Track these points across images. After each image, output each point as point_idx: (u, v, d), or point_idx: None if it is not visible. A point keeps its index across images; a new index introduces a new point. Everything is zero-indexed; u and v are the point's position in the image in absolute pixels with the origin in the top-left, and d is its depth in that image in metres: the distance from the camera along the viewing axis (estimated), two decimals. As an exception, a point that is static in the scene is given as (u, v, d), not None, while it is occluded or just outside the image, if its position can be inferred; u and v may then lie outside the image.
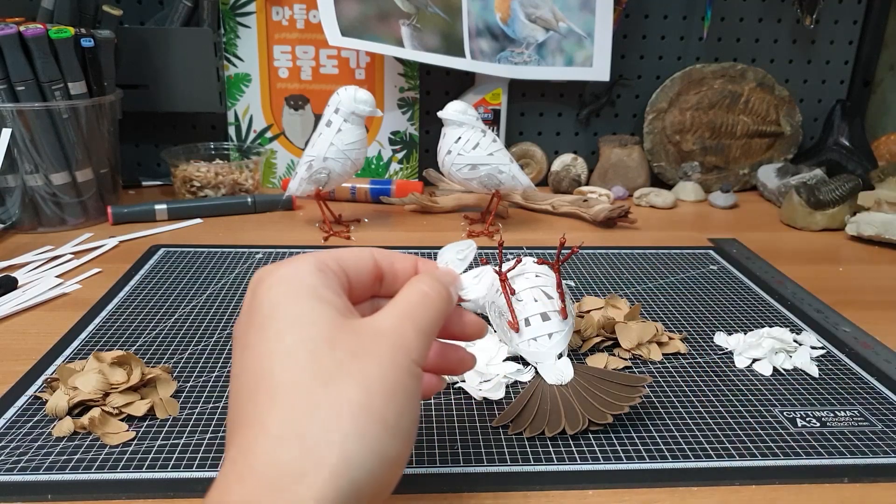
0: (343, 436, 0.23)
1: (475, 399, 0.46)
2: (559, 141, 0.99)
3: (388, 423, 0.24)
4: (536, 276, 0.49)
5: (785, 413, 0.45)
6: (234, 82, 0.92)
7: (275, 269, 0.28)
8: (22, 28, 0.69)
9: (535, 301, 0.47)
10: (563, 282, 0.49)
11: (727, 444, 0.42)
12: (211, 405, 0.45)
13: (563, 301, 0.47)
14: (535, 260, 0.51)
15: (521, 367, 0.49)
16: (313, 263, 0.28)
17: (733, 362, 0.51)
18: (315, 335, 0.25)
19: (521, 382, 0.48)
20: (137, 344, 0.52)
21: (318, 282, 0.27)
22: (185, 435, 0.41)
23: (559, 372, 0.45)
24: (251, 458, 0.22)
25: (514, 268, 0.49)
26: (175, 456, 0.40)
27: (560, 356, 0.46)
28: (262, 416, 0.23)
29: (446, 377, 0.41)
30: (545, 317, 0.47)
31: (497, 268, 0.47)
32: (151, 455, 0.40)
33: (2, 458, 0.39)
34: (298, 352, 0.25)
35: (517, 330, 0.47)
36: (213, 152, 0.92)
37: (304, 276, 0.27)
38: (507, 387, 0.47)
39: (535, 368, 0.47)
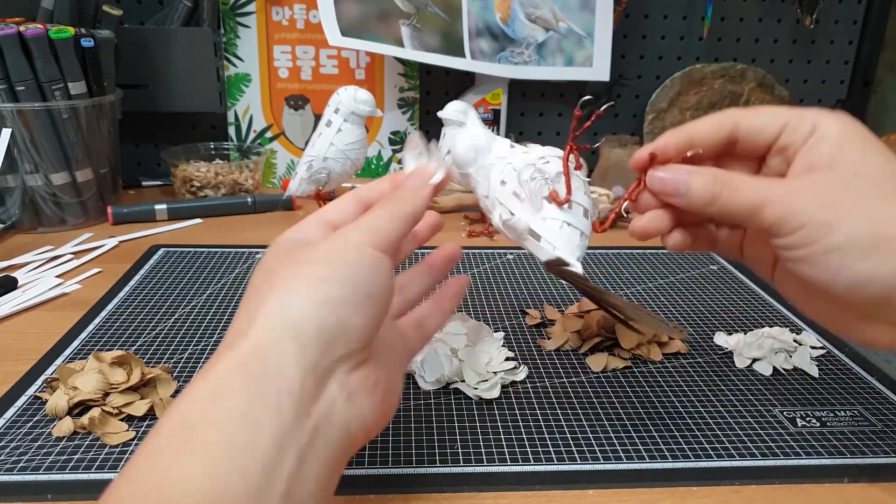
0: (291, 293, 0.28)
1: (472, 399, 0.46)
2: (559, 141, 0.99)
3: (333, 277, 0.28)
4: (584, 180, 0.45)
5: (785, 413, 0.45)
6: (234, 82, 0.92)
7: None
8: (22, 28, 0.69)
9: (585, 195, 0.43)
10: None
11: (727, 444, 0.42)
12: (211, 405, 0.44)
13: (568, 187, 0.43)
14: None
15: (517, 366, 0.49)
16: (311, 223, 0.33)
17: (733, 362, 0.51)
18: (280, 253, 0.31)
19: (517, 382, 0.48)
20: (137, 344, 0.52)
21: (306, 234, 0.32)
22: (185, 435, 0.41)
23: (577, 258, 0.42)
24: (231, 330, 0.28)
25: (579, 147, 0.44)
26: (175, 456, 0.40)
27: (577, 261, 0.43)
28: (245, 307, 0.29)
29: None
30: (585, 214, 0.43)
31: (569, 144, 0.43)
32: (151, 455, 0.40)
33: (2, 458, 0.39)
34: (267, 259, 0.31)
35: (564, 203, 0.42)
36: (213, 152, 0.92)
37: (304, 231, 0.33)
38: (502, 387, 0.47)
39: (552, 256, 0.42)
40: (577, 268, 0.41)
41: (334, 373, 0.27)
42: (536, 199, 0.42)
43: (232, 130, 0.94)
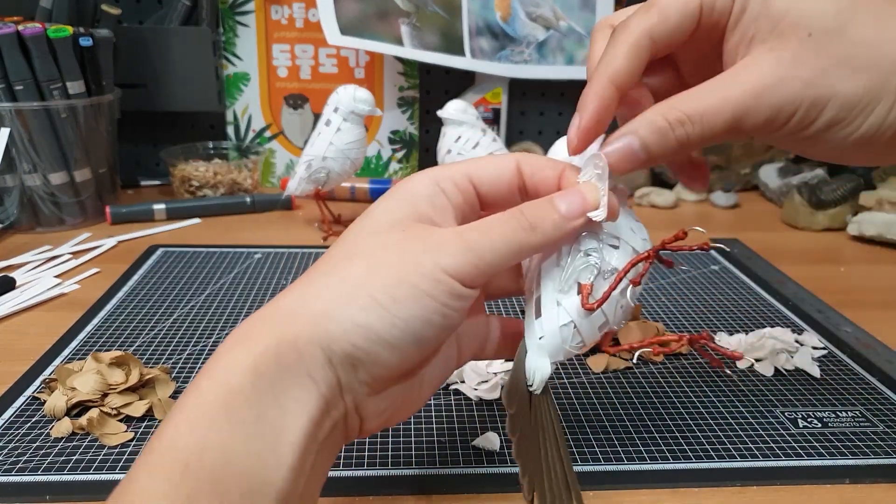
0: (332, 296, 0.27)
1: (472, 400, 0.45)
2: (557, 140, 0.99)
3: (379, 302, 0.26)
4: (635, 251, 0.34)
5: (786, 414, 0.45)
6: (233, 81, 0.92)
7: (405, 179, 0.31)
8: (20, 27, 0.68)
9: (620, 308, 0.33)
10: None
11: (728, 445, 0.41)
12: (210, 406, 0.44)
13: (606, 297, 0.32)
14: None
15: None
16: (432, 178, 0.31)
17: (734, 363, 0.51)
18: (372, 228, 0.29)
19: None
20: (136, 344, 0.52)
21: (424, 192, 0.30)
22: (184, 436, 0.41)
23: (542, 375, 0.32)
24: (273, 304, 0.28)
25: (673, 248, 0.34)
26: (174, 457, 0.39)
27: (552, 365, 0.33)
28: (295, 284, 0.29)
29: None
30: (603, 326, 0.33)
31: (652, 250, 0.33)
32: (150, 456, 0.39)
33: (0, 458, 0.39)
34: (348, 235, 0.30)
35: (588, 309, 0.31)
36: (211, 152, 0.92)
37: (416, 186, 0.30)
38: (502, 388, 0.47)
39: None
40: (536, 379, 0.32)
41: (352, 393, 0.27)
42: (571, 276, 0.32)
43: (231, 130, 0.94)
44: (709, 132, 0.29)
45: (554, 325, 0.32)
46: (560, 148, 0.33)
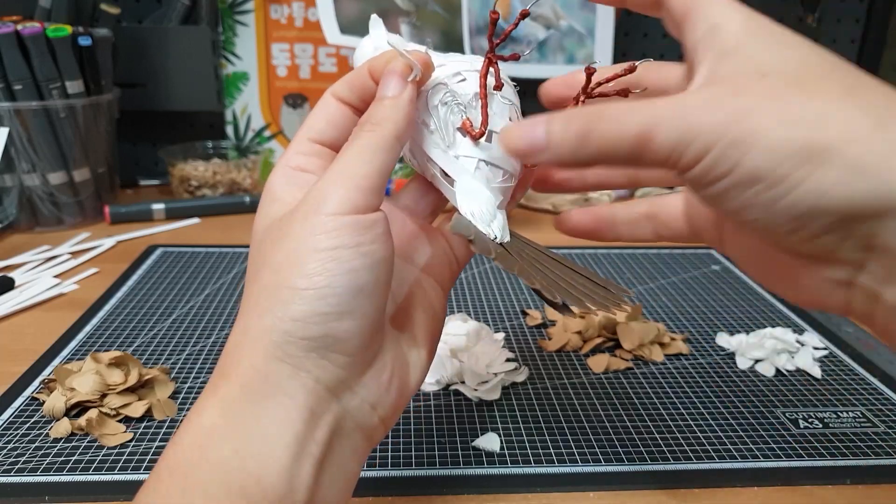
0: (262, 310, 0.26)
1: (473, 400, 0.45)
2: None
3: (301, 287, 0.25)
4: (516, 92, 0.34)
5: (787, 414, 0.45)
6: (232, 81, 0.92)
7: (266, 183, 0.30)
8: (19, 27, 0.68)
9: (511, 121, 0.32)
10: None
11: (729, 446, 0.41)
12: (209, 406, 0.44)
13: (484, 117, 0.31)
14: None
15: (517, 367, 0.48)
16: (281, 165, 0.30)
17: (735, 363, 0.51)
18: (257, 238, 0.28)
19: (518, 383, 0.47)
20: (135, 345, 0.51)
21: (281, 181, 0.29)
22: (183, 437, 0.41)
23: (499, 223, 0.30)
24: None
25: (505, 58, 0.32)
26: (173, 458, 0.39)
27: (499, 208, 0.31)
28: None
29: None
30: None
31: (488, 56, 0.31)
32: (149, 457, 0.39)
33: (-2, 460, 0.39)
34: (249, 263, 0.28)
35: (479, 137, 0.31)
36: (210, 151, 0.92)
37: (272, 182, 0.29)
38: (502, 388, 0.47)
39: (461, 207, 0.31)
40: (495, 230, 0.30)
41: (341, 382, 0.26)
42: (447, 130, 0.31)
43: (230, 129, 0.94)
44: (613, 137, 0.25)
45: (467, 177, 0.30)
46: (361, 53, 0.33)
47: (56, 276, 0.63)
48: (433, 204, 0.34)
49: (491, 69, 0.31)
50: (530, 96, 0.35)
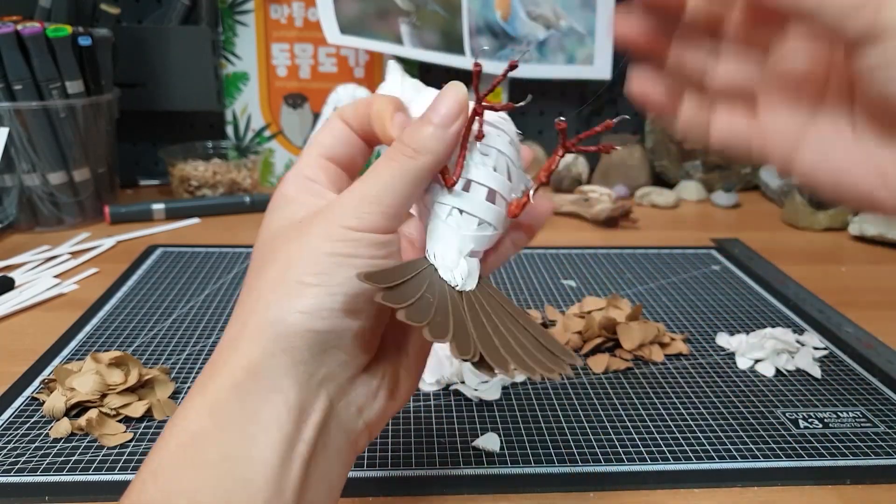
0: (267, 302, 0.26)
1: (473, 400, 0.45)
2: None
3: (310, 284, 0.26)
4: (511, 142, 0.32)
5: (787, 414, 0.45)
6: (232, 81, 0.92)
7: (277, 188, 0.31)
8: (19, 27, 0.68)
9: (495, 171, 0.31)
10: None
11: (729, 446, 0.41)
12: (209, 406, 0.44)
13: (461, 160, 0.30)
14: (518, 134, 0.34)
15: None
16: (295, 173, 0.30)
17: (735, 363, 0.51)
18: (264, 237, 0.29)
19: (518, 384, 0.47)
20: (135, 345, 0.51)
21: (296, 188, 0.30)
22: (183, 437, 0.41)
23: (462, 270, 0.30)
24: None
25: (495, 107, 0.32)
26: (173, 458, 0.39)
27: (470, 256, 0.31)
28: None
29: None
30: (490, 197, 0.30)
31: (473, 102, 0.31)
32: (149, 457, 0.39)
33: (-2, 460, 0.39)
34: (254, 255, 0.29)
35: (451, 185, 0.30)
36: (210, 151, 0.92)
37: (285, 188, 0.30)
38: (502, 388, 0.47)
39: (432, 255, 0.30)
40: (456, 276, 0.29)
41: (333, 380, 0.27)
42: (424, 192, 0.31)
43: (230, 129, 0.94)
44: None
45: (439, 223, 0.30)
46: (385, 89, 0.33)
47: (56, 276, 0.63)
48: None
49: (475, 120, 0.31)
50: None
